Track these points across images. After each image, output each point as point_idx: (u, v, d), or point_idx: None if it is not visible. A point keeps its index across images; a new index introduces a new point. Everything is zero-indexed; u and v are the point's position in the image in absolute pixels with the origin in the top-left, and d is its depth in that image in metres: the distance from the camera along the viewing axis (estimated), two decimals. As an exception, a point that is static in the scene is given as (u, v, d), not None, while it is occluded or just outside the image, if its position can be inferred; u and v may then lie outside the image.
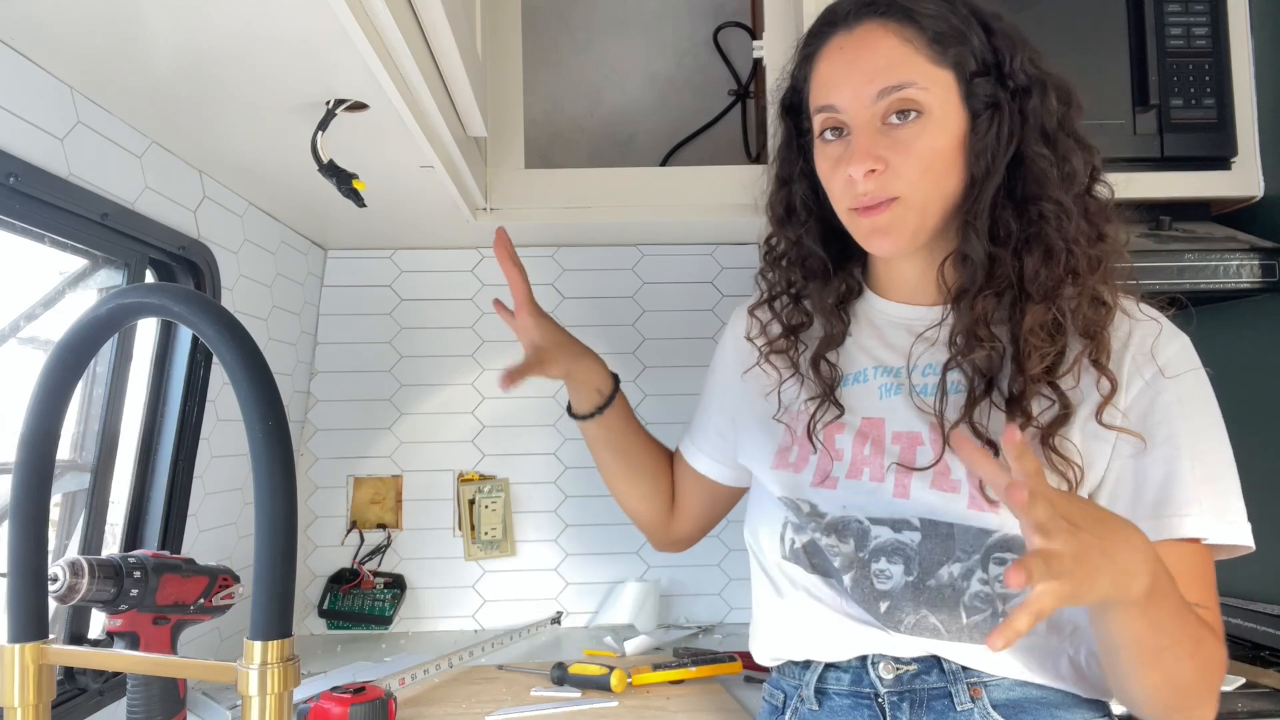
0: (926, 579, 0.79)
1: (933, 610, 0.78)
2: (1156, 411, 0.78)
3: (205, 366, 1.24)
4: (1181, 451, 0.77)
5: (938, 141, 0.78)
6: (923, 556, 0.79)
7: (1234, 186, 1.36)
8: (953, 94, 0.78)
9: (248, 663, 0.50)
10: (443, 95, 1.02)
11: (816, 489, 0.86)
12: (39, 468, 0.60)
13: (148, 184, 1.05)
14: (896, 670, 0.81)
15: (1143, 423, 0.78)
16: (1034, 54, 0.81)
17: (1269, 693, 1.11)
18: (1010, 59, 0.79)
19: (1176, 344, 0.82)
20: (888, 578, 0.80)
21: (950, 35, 0.78)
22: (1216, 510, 0.76)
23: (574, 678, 1.23)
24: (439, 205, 1.35)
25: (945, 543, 0.78)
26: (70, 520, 1.12)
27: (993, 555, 0.76)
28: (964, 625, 0.78)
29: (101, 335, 0.59)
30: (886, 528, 0.81)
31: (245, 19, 0.74)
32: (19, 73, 0.82)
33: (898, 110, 0.78)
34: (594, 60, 1.77)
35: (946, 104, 0.78)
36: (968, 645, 0.78)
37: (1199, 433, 0.78)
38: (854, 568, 0.82)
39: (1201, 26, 1.34)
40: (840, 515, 0.84)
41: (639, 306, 1.74)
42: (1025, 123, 0.79)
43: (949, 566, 0.78)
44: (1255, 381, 1.40)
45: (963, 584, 0.78)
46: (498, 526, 1.68)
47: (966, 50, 0.78)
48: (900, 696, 0.81)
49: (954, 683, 0.79)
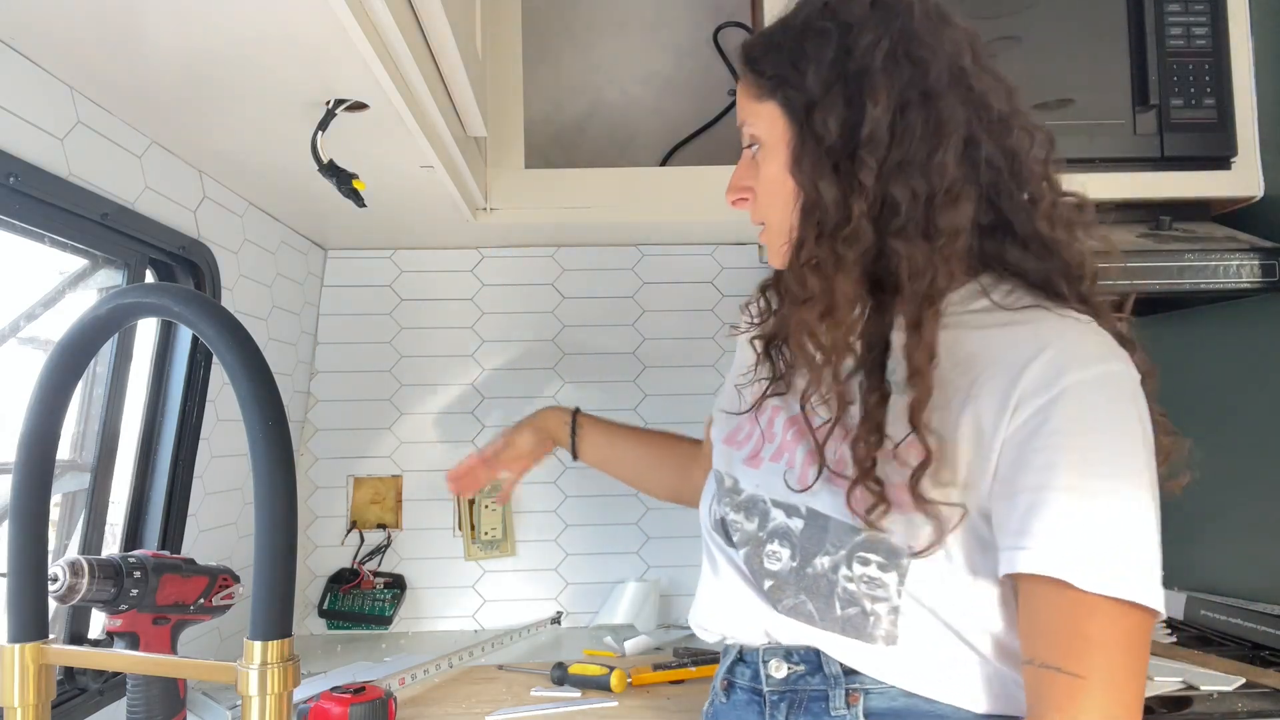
0: (805, 566, 0.80)
1: (810, 597, 0.79)
2: (1040, 437, 0.69)
3: (205, 366, 1.24)
4: (1054, 482, 0.68)
5: (770, 167, 0.83)
6: (803, 544, 0.80)
7: (1234, 186, 1.36)
8: (779, 122, 0.82)
9: (248, 663, 0.50)
10: (443, 95, 1.02)
11: (744, 465, 0.89)
12: (39, 468, 0.60)
13: (148, 184, 1.05)
14: (788, 670, 0.82)
15: (1026, 444, 0.70)
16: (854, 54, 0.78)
17: (1269, 693, 1.11)
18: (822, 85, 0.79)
19: (1070, 353, 0.71)
20: (777, 559, 0.82)
21: (775, 75, 0.81)
22: (1082, 550, 0.66)
23: (574, 678, 1.23)
24: (439, 205, 1.35)
25: (821, 534, 0.79)
26: (70, 520, 1.12)
27: (856, 554, 0.76)
28: (838, 616, 0.78)
29: (101, 335, 0.59)
30: (782, 512, 0.83)
31: (245, 19, 0.74)
32: (19, 73, 0.82)
33: (750, 144, 0.86)
34: (594, 60, 1.77)
35: (774, 132, 0.82)
36: (842, 638, 0.78)
37: (1081, 463, 0.68)
38: (750, 544, 0.85)
39: (1201, 26, 1.34)
40: (752, 494, 0.87)
41: (639, 306, 1.74)
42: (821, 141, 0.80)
43: (821, 558, 0.79)
44: (1255, 381, 1.40)
45: (833, 576, 0.78)
46: (498, 526, 1.68)
47: (786, 80, 0.81)
48: (781, 696, 0.82)
49: (833, 686, 0.79)
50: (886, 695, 0.77)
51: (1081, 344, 0.72)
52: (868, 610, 0.76)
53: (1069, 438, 0.68)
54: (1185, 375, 1.58)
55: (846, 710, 0.78)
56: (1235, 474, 1.43)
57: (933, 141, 0.74)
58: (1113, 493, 0.67)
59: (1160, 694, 1.11)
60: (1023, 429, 0.70)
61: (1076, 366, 0.70)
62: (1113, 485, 0.67)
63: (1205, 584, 1.51)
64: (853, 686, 0.78)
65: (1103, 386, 0.70)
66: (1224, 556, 1.47)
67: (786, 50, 0.80)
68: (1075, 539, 0.67)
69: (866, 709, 0.78)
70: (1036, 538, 0.67)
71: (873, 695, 0.78)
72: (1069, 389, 0.69)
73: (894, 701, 0.77)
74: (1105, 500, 0.67)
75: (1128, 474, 0.68)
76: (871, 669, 0.78)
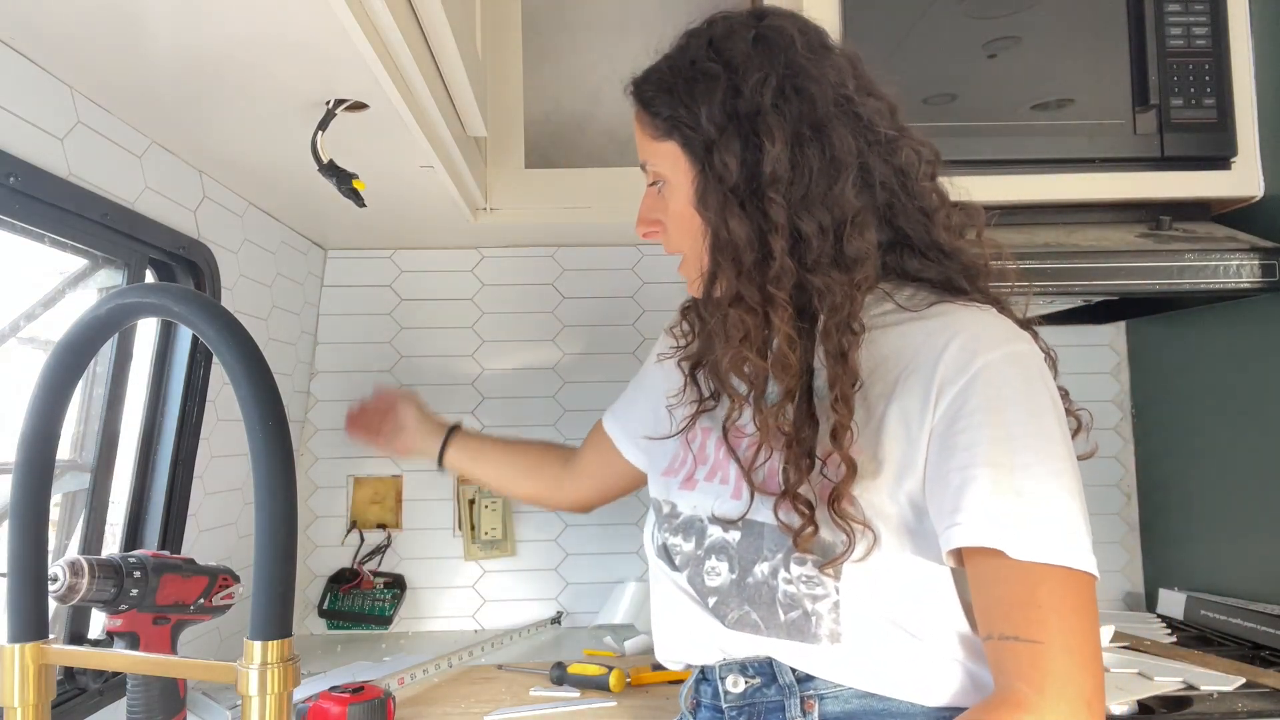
0: (745, 577, 0.81)
1: (754, 607, 0.80)
2: (961, 419, 0.72)
3: (205, 366, 1.24)
4: (980, 458, 0.70)
5: (676, 204, 0.84)
6: (741, 554, 0.81)
7: (1234, 186, 1.36)
8: (680, 161, 0.83)
9: (248, 663, 0.50)
10: (443, 95, 1.02)
11: (680, 490, 0.91)
12: (39, 468, 0.60)
13: (148, 184, 1.05)
14: (745, 684, 0.83)
15: (949, 428, 0.73)
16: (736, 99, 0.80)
17: (1269, 693, 1.11)
18: (717, 120, 0.80)
19: (980, 339, 0.74)
20: (717, 574, 0.83)
21: (671, 116, 0.82)
22: (1015, 519, 0.69)
23: (573, 677, 1.23)
24: (439, 205, 1.35)
25: (757, 541, 0.80)
26: (70, 520, 1.12)
27: (793, 555, 0.77)
28: (781, 622, 0.79)
29: (101, 335, 0.59)
30: (719, 527, 0.84)
31: (245, 19, 0.74)
32: (19, 73, 0.82)
33: (653, 181, 0.87)
34: (594, 60, 1.77)
35: (676, 170, 0.83)
36: (789, 643, 0.79)
37: (1006, 434, 0.71)
38: (690, 565, 0.86)
39: (1201, 26, 1.34)
40: (690, 515, 0.88)
41: (639, 306, 1.74)
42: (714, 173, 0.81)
43: (760, 565, 0.80)
44: (1255, 381, 1.40)
45: (773, 581, 0.79)
46: (498, 526, 1.68)
47: (682, 121, 0.82)
48: (740, 710, 0.84)
49: (789, 695, 0.81)
50: (840, 698, 0.79)
51: (988, 328, 0.75)
52: (809, 611, 0.77)
53: (988, 414, 0.71)
54: (1185, 375, 1.58)
55: (803, 717, 0.80)
56: (1236, 474, 1.43)
57: (830, 174, 0.77)
58: (1037, 464, 0.70)
59: (1160, 694, 1.11)
60: (945, 416, 0.73)
61: (985, 349, 0.73)
62: (1035, 457, 0.70)
63: (1205, 584, 1.51)
64: (807, 694, 0.80)
65: (1012, 364, 0.73)
66: (1224, 556, 1.47)
67: (679, 93, 0.82)
68: (1007, 509, 0.69)
69: (822, 713, 0.79)
70: (968, 512, 0.70)
71: (827, 700, 0.79)
72: (981, 370, 0.72)
73: (848, 704, 0.79)
74: (1031, 471, 0.70)
75: (1047, 445, 0.71)
76: (822, 671, 0.79)
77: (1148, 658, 1.26)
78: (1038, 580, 0.68)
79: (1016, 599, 0.69)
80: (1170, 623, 1.50)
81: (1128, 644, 1.34)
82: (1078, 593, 0.69)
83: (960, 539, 0.70)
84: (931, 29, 1.35)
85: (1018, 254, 1.27)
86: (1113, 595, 1.70)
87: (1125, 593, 1.70)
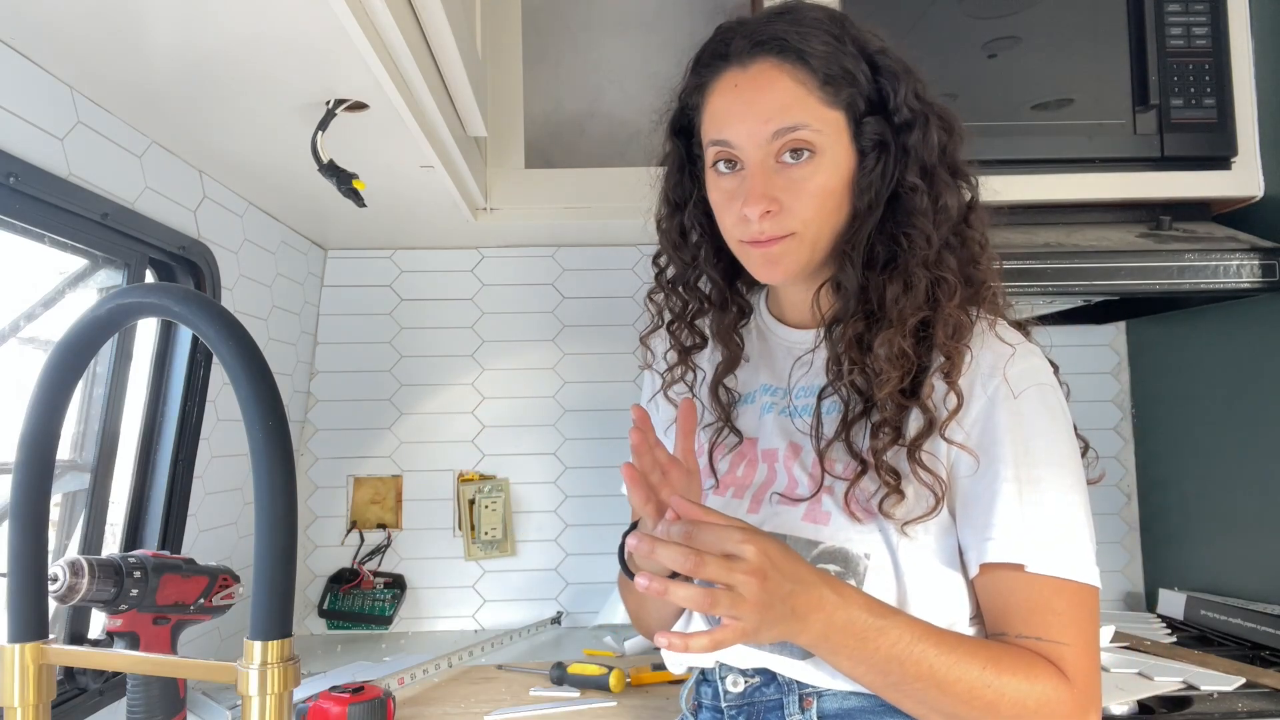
0: None
1: None
2: (991, 433, 0.77)
3: (205, 366, 1.24)
4: (1008, 474, 0.75)
5: (830, 181, 0.80)
6: None
7: (1234, 186, 1.36)
8: (843, 134, 0.81)
9: (248, 663, 0.50)
10: (443, 95, 1.02)
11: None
12: (39, 468, 0.60)
13: (148, 184, 1.05)
14: (745, 684, 0.84)
15: (979, 442, 0.77)
16: (919, 85, 0.82)
17: (1269, 693, 1.11)
18: (895, 95, 0.81)
19: (1022, 365, 0.79)
20: None
21: (841, 77, 0.80)
22: (1037, 538, 0.74)
23: (573, 677, 1.23)
24: (439, 205, 1.35)
25: None
26: (70, 520, 1.12)
27: (816, 565, 0.77)
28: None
29: (101, 335, 0.59)
30: None
31: (246, 19, 0.74)
32: (19, 73, 0.82)
33: (791, 149, 0.79)
34: (594, 60, 1.77)
35: (838, 144, 0.80)
36: (785, 659, 0.80)
37: (1031, 457, 0.76)
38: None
39: (1201, 26, 1.34)
40: None
41: (639, 306, 1.73)
42: (907, 157, 0.81)
43: None
44: (1255, 381, 1.40)
45: None
46: (498, 526, 1.68)
47: (856, 91, 0.80)
48: (739, 710, 0.84)
49: (787, 694, 0.81)
50: (838, 696, 0.80)
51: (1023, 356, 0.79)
52: None
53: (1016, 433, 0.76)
54: (1185, 375, 1.58)
55: (801, 715, 0.81)
56: (1235, 474, 1.43)
57: (954, 185, 0.83)
58: (1056, 482, 0.76)
59: (1160, 694, 1.11)
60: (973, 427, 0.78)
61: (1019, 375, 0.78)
62: (1055, 474, 0.76)
63: (1205, 584, 1.51)
64: (806, 692, 0.81)
65: (1040, 391, 0.78)
66: (1224, 556, 1.47)
67: (843, 62, 0.80)
68: (1032, 528, 0.74)
69: (820, 711, 0.80)
70: (998, 529, 0.75)
71: (825, 698, 0.80)
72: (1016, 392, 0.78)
73: (844, 702, 0.80)
74: (1052, 489, 0.76)
75: (1065, 463, 0.77)
76: (819, 681, 0.79)
77: (1148, 658, 1.26)
78: (1054, 591, 0.74)
79: (1035, 605, 0.74)
80: (1170, 623, 1.50)
81: (1128, 644, 1.34)
82: (1089, 602, 0.75)
83: (994, 554, 0.75)
84: (931, 29, 1.35)
85: (1018, 254, 1.28)
86: (1113, 595, 1.70)
87: (1125, 593, 1.70)
